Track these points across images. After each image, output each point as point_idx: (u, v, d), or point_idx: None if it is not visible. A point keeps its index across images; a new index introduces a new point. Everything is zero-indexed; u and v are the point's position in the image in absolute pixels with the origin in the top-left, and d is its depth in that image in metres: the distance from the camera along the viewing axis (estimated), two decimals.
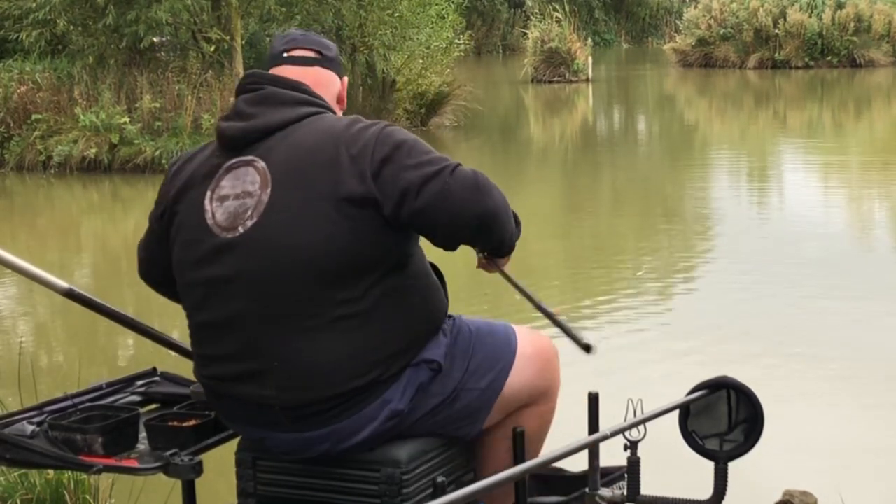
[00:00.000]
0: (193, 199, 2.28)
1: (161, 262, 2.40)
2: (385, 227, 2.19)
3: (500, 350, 2.41)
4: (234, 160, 2.26)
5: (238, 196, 2.22)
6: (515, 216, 2.39)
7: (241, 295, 2.20)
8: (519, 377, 2.41)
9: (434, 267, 2.41)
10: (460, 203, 2.18)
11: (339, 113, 2.43)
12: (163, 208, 2.37)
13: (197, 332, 2.32)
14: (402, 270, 2.24)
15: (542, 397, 2.48)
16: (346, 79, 2.50)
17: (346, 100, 2.48)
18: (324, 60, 2.42)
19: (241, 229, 2.20)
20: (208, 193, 2.26)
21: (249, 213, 2.20)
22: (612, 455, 2.57)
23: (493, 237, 2.33)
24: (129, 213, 12.15)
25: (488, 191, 2.22)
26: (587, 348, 2.39)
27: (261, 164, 2.23)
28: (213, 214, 2.24)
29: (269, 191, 2.20)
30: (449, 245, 2.29)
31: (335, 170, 2.17)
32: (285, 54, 2.40)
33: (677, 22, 31.51)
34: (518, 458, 2.42)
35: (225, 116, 2.34)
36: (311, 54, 2.41)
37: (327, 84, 2.41)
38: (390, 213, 2.17)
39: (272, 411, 2.22)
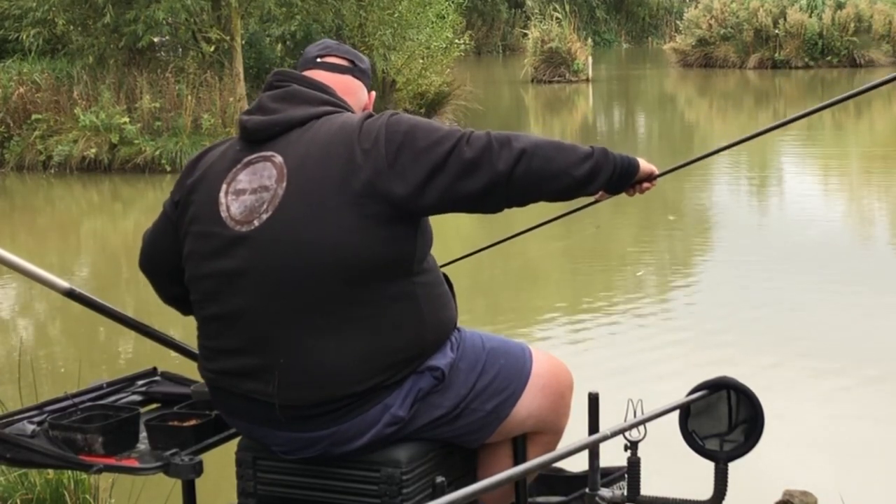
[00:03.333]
0: (209, 191, 2.28)
1: (164, 252, 2.40)
2: (399, 224, 2.17)
3: (512, 374, 2.36)
4: (252, 155, 2.26)
5: (255, 191, 2.22)
6: (575, 150, 2.26)
7: (252, 289, 2.19)
8: (527, 406, 2.36)
9: (445, 278, 2.39)
10: (487, 163, 2.17)
11: None
12: (178, 198, 2.36)
13: (204, 324, 2.31)
14: (414, 276, 2.22)
15: (548, 429, 2.44)
16: (374, 93, 2.50)
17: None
18: (355, 70, 2.43)
19: (256, 223, 2.20)
20: (224, 187, 2.26)
21: (265, 206, 2.20)
22: (613, 455, 2.57)
23: (543, 179, 2.24)
24: (129, 213, 12.16)
25: (507, 142, 2.19)
26: None
27: (278, 158, 2.23)
28: (228, 208, 2.24)
29: (284, 185, 2.19)
30: (502, 205, 2.24)
31: (349, 165, 2.16)
32: (318, 59, 2.41)
33: (677, 22, 31.50)
34: (518, 458, 2.42)
35: (247, 110, 2.34)
36: (343, 62, 2.42)
37: (355, 92, 2.41)
38: (415, 198, 2.15)
39: (272, 409, 2.21)
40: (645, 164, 2.43)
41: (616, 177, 2.34)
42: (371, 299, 2.17)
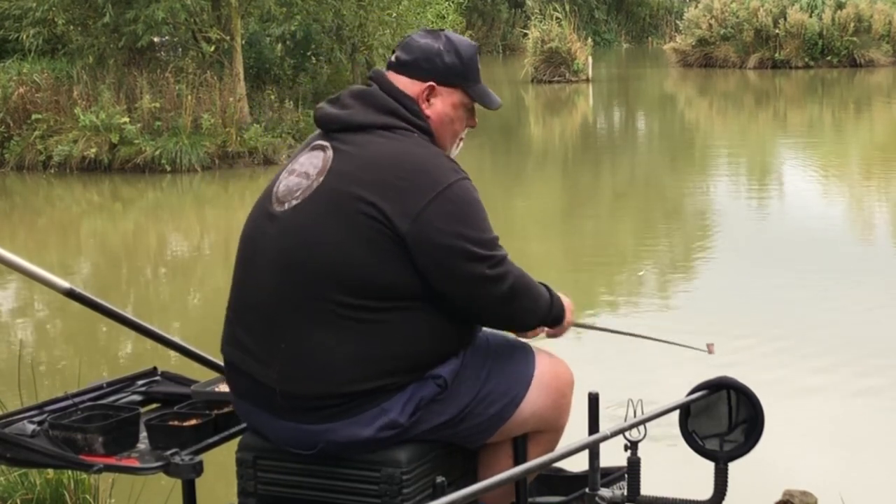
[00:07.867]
0: (283, 168, 2.37)
1: None
2: (409, 264, 2.18)
3: (516, 378, 2.37)
4: (318, 142, 2.32)
5: (300, 174, 2.29)
6: (550, 292, 2.40)
7: (270, 269, 2.25)
8: (530, 406, 2.38)
9: None
10: (482, 304, 2.25)
11: (434, 118, 2.36)
12: None
13: (232, 290, 2.36)
14: (429, 300, 2.23)
15: (549, 427, 2.46)
16: (430, 84, 2.36)
17: (431, 103, 2.36)
18: (397, 65, 2.39)
19: (286, 205, 2.26)
20: (289, 166, 2.34)
21: (299, 193, 2.25)
22: (613, 455, 2.56)
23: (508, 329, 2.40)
24: (129, 213, 12.15)
25: (514, 301, 2.27)
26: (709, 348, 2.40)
27: (329, 152, 2.28)
28: (280, 185, 2.31)
29: (321, 179, 2.24)
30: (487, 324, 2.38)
31: (382, 193, 2.18)
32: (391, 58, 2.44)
33: (677, 22, 31.48)
34: (519, 457, 2.42)
35: (328, 99, 2.40)
36: (392, 58, 2.42)
37: (404, 88, 2.36)
38: (414, 262, 2.18)
39: (274, 395, 2.23)
40: (568, 304, 2.52)
41: (552, 318, 2.43)
42: (377, 307, 2.19)
